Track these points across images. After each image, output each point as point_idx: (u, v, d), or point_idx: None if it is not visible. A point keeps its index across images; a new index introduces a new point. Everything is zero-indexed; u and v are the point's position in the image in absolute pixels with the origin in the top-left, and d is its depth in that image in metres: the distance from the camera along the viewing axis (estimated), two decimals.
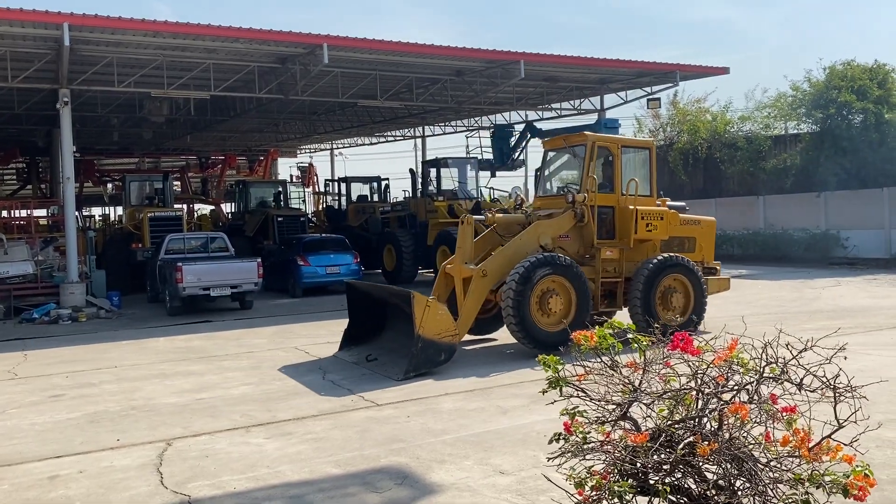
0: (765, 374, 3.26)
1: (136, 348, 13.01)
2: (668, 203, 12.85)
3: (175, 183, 33.05)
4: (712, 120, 33.04)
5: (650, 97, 25.51)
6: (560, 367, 3.63)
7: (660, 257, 11.80)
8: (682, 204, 13.51)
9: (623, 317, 12.37)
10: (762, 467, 3.11)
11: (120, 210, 30.63)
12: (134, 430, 7.66)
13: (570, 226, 11.75)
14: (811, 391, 3.25)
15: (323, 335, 13.66)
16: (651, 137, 34.57)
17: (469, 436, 7.06)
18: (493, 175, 25.82)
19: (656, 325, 3.93)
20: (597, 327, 3.75)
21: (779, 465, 3.15)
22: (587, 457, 3.50)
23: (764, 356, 3.31)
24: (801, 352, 3.33)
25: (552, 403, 3.92)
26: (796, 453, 3.06)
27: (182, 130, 30.90)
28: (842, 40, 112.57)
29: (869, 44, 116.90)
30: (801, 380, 3.27)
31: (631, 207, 11.76)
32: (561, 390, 3.62)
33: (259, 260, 17.92)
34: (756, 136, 30.26)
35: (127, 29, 16.49)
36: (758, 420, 3.24)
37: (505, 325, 11.01)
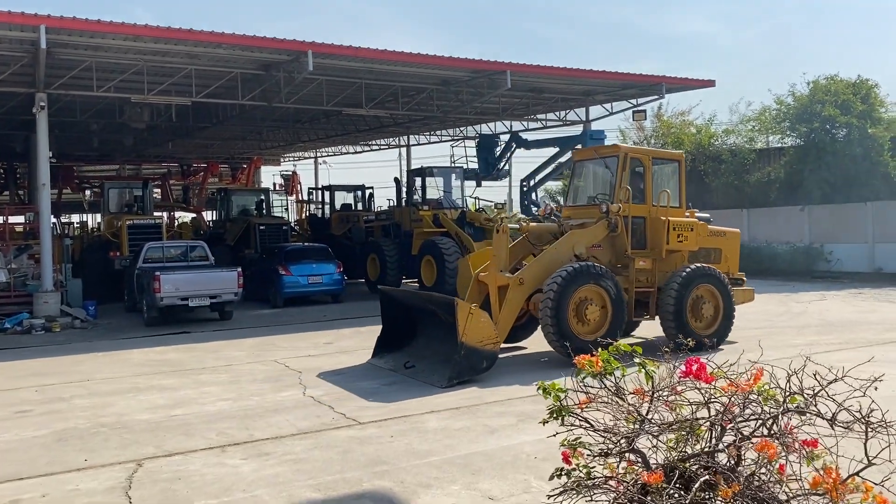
0: (789, 407, 3.01)
1: (110, 360, 12.61)
2: (696, 214, 13.04)
3: (156, 190, 32.58)
4: (696, 133, 33.11)
5: (636, 109, 25.43)
6: (562, 395, 3.36)
7: (691, 267, 11.94)
8: (708, 215, 13.63)
9: (654, 326, 12.57)
10: None
11: (99, 217, 30.11)
12: (103, 450, 7.31)
13: (603, 235, 11.90)
14: (845, 427, 3.00)
15: (304, 348, 13.35)
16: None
17: (456, 457, 6.78)
18: (478, 185, 25.62)
19: (688, 343, 3.67)
20: (600, 350, 3.49)
21: None
22: (591, 495, 3.23)
23: (787, 386, 3.07)
24: (830, 382, 3.08)
25: (544, 424, 3.68)
26: (818, 491, 2.81)
27: (163, 137, 30.43)
28: (823, 56, 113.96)
29: (851, 60, 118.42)
30: (835, 414, 3.01)
31: (663, 218, 12.00)
32: (563, 420, 3.36)
33: (239, 269, 17.55)
34: (740, 149, 30.32)
35: (107, 32, 16.12)
36: (777, 454, 2.98)
37: (542, 333, 11.08)
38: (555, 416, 3.35)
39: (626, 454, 3.22)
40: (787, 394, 3.07)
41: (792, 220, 26.87)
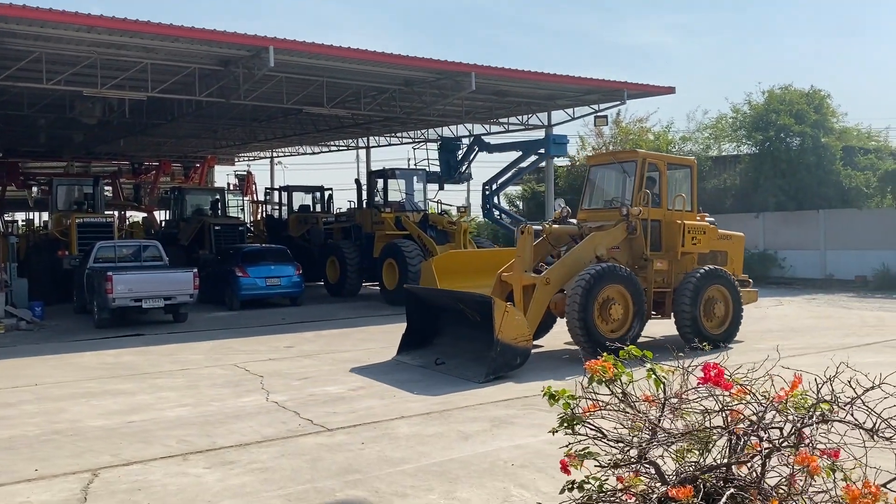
0: (826, 416, 2.86)
1: (59, 364, 12.03)
2: (706, 218, 13.53)
3: (107, 188, 31.59)
4: (654, 139, 33.46)
5: (598, 115, 25.54)
6: (574, 402, 3.15)
7: (705, 269, 12.42)
8: (713, 219, 14.01)
9: (658, 325, 13.16)
10: None
11: (46, 215, 29.04)
12: (56, 458, 6.87)
13: (622, 238, 12.35)
14: (882, 437, 2.86)
15: (264, 351, 12.96)
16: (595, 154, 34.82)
17: (431, 465, 6.54)
18: (441, 188, 25.41)
19: (704, 346, 3.52)
20: (605, 354, 3.31)
21: None
22: None
23: (817, 393, 2.92)
24: (867, 390, 2.95)
25: (553, 433, 3.47)
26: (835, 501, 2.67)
27: (115, 134, 29.50)
28: (775, 68, 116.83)
29: (802, 72, 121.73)
30: (877, 425, 2.87)
31: (678, 222, 12.54)
32: (573, 429, 3.15)
33: (195, 270, 17.00)
34: (697, 156, 30.71)
35: (58, 22, 15.45)
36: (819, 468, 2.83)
37: (567, 330, 11.45)
38: (566, 424, 3.14)
39: (639, 465, 3.03)
40: (817, 402, 2.92)
41: (747, 227, 27.21)
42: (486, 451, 6.93)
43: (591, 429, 3.14)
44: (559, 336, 12.84)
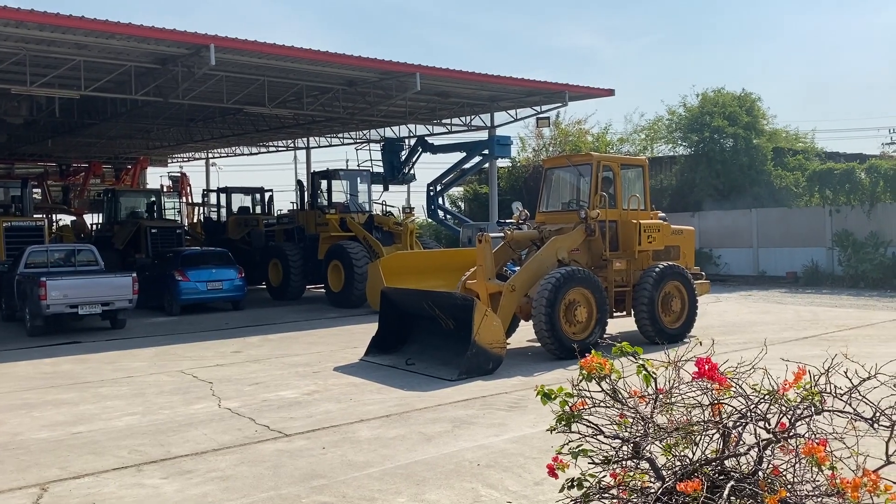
0: (816, 405, 2.92)
1: None
2: (659, 215, 13.85)
3: (35, 190, 30.33)
4: (593, 141, 34.05)
5: (539, 116, 25.84)
6: (570, 400, 3.13)
7: (661, 266, 12.79)
8: (664, 215, 14.31)
9: (617, 322, 13.34)
10: None
11: None
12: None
13: (582, 240, 12.60)
14: (882, 425, 2.93)
15: (210, 357, 12.63)
16: (533, 156, 35.23)
17: (396, 468, 6.46)
18: (385, 189, 25.27)
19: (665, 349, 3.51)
20: (594, 351, 3.31)
21: None
22: None
23: (812, 386, 2.98)
24: (864, 380, 3.02)
25: (552, 432, 3.46)
26: (836, 491, 2.73)
27: (43, 134, 28.40)
28: (706, 72, 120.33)
29: (730, 77, 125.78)
30: (878, 414, 2.94)
31: (634, 221, 12.83)
32: (570, 427, 3.14)
33: (134, 275, 16.46)
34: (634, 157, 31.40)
35: None
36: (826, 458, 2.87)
37: (535, 335, 11.66)
38: (563, 422, 3.12)
39: (636, 461, 3.03)
40: (812, 394, 2.98)
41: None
42: (451, 451, 6.89)
43: (588, 426, 3.13)
44: (522, 333, 13.06)
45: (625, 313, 13.02)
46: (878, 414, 2.96)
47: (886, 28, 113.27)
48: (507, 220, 21.19)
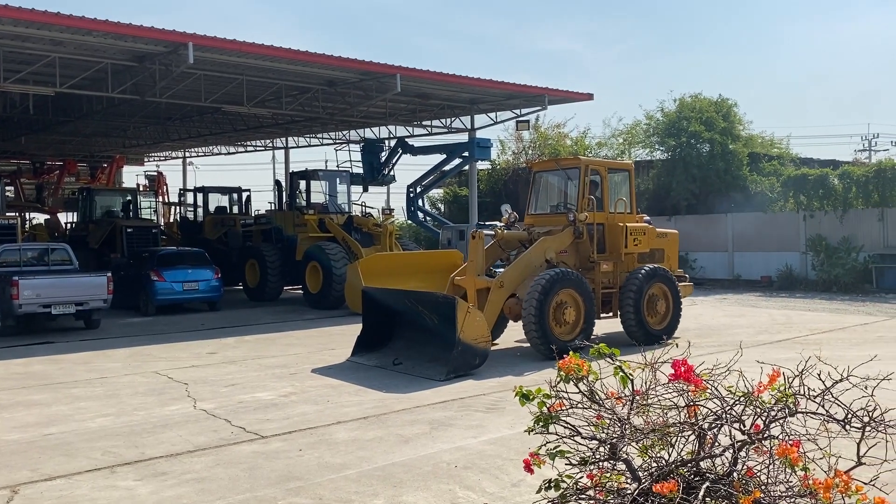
0: (790, 407, 2.95)
1: None
2: (644, 218, 14.14)
3: (8, 188, 29.85)
4: (572, 144, 34.23)
5: (519, 119, 25.91)
6: (548, 402, 3.15)
7: (647, 268, 13.05)
8: (649, 219, 14.60)
9: (602, 324, 13.47)
10: None
11: None
12: None
13: (570, 242, 12.82)
14: (853, 427, 2.97)
15: (185, 358, 12.51)
16: (513, 159, 35.36)
17: (373, 470, 6.44)
18: (364, 190, 25.21)
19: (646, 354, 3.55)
20: (572, 353, 3.33)
21: None
22: None
23: (787, 388, 3.02)
24: (836, 382, 3.07)
25: (530, 433, 3.47)
26: (809, 491, 2.77)
27: (16, 131, 27.98)
28: (683, 78, 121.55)
29: (708, 83, 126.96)
30: (849, 415, 2.98)
31: (620, 224, 13.09)
32: (548, 428, 3.15)
33: (109, 274, 16.26)
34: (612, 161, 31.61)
35: None
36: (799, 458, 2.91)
37: (525, 335, 11.83)
38: (541, 423, 3.14)
39: (613, 462, 3.06)
40: (786, 396, 3.02)
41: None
42: (428, 453, 6.88)
43: (566, 427, 3.14)
44: (510, 334, 13.24)
45: (611, 314, 13.21)
46: (849, 416, 3.01)
47: (861, 36, 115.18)
48: (487, 223, 21.27)
